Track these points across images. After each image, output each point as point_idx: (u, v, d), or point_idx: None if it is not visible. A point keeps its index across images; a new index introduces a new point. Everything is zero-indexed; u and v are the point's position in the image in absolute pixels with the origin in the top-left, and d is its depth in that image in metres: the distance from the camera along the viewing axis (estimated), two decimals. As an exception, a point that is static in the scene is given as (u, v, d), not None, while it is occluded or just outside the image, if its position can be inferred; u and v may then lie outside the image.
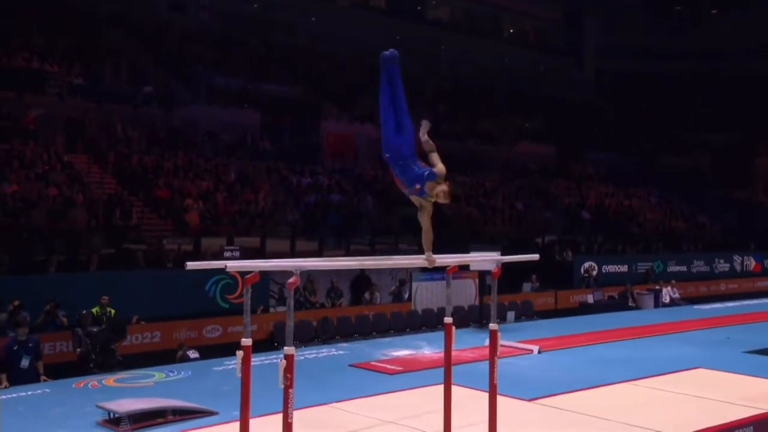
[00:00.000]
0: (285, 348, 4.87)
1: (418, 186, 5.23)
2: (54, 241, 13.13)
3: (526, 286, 17.09)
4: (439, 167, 5.19)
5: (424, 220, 5.42)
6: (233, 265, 4.97)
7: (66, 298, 11.35)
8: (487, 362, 10.21)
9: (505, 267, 16.04)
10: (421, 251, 5.74)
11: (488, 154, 26.10)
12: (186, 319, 11.91)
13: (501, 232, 20.69)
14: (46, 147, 16.83)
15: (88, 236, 13.80)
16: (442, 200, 5.23)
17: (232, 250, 14.14)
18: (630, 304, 18.34)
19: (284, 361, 4.83)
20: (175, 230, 15.40)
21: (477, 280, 14.74)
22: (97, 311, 10.58)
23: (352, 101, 24.27)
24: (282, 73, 23.32)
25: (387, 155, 5.46)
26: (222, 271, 14.33)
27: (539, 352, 11.12)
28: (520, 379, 9.25)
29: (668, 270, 22.02)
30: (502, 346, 11.38)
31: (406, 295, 15.08)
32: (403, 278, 15.73)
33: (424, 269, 17.62)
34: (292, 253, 16.15)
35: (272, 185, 18.51)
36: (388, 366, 9.98)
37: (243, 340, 5.11)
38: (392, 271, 17.45)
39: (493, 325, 6.15)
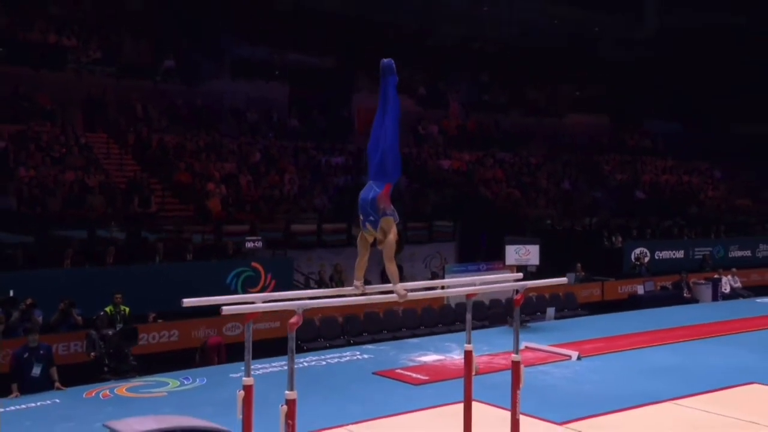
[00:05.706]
0: (287, 393, 4.92)
1: (372, 218, 5.39)
2: (70, 232, 13.44)
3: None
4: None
5: (385, 256, 5.45)
6: (228, 309, 4.98)
7: (81, 293, 11.63)
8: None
9: (547, 256, 15.77)
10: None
11: (534, 127, 25.65)
12: (205, 317, 12.13)
13: (544, 215, 20.47)
14: (62, 128, 17.12)
15: (105, 225, 14.11)
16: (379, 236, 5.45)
17: (254, 240, 14.34)
18: (685, 295, 18.03)
19: (285, 407, 4.89)
20: (196, 217, 15.62)
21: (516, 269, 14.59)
22: (110, 310, 10.83)
23: (387, 71, 24.00)
24: (311, 41, 23.16)
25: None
26: (243, 262, 14.48)
27: (578, 358, 11.07)
28: (554, 393, 9.24)
29: (730, 255, 21.50)
30: (537, 350, 11.54)
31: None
32: (435, 271, 15.72)
33: (459, 260, 17.66)
34: (319, 242, 16.28)
35: (299, 166, 18.57)
36: (414, 374, 10.08)
37: (245, 379, 5.19)
38: (425, 259, 17.53)
39: (516, 357, 6.10)
